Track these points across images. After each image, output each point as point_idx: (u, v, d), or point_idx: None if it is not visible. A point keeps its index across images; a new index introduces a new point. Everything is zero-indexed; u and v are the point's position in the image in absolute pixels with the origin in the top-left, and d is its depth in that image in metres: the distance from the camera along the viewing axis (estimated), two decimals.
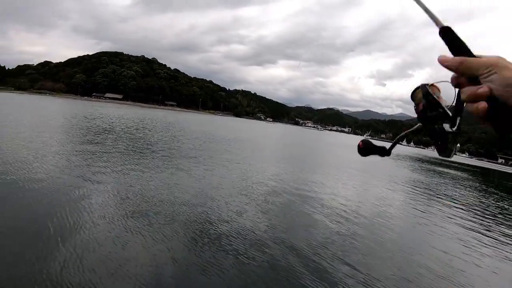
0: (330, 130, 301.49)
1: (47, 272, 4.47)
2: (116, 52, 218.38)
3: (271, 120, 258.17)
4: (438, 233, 9.55)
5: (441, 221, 11.10)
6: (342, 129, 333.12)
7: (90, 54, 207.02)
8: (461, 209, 13.89)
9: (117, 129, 26.23)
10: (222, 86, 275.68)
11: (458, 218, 11.98)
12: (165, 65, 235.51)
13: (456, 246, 8.62)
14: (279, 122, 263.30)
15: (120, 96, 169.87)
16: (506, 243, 9.59)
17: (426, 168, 36.46)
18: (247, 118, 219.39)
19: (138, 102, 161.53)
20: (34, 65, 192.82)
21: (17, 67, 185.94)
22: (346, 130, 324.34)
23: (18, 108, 37.78)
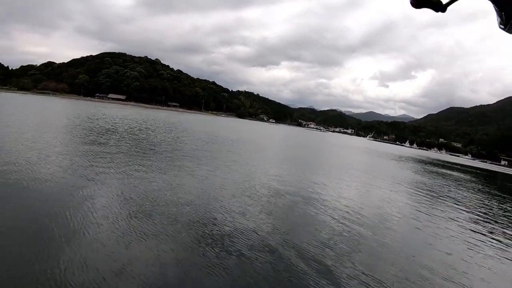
0: (333, 131, 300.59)
1: (51, 271, 4.48)
2: (119, 52, 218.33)
3: (274, 121, 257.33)
4: (441, 234, 9.52)
5: (444, 222, 11.07)
6: (345, 130, 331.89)
7: (94, 54, 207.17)
8: (464, 211, 13.84)
9: (120, 129, 26.29)
10: (225, 87, 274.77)
11: (461, 220, 11.94)
12: (168, 66, 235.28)
13: (459, 247, 8.60)
14: (282, 123, 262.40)
15: (123, 96, 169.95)
16: (510, 245, 9.54)
17: (429, 169, 36.34)
18: (250, 119, 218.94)
19: (141, 103, 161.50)
20: (37, 65, 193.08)
21: (20, 68, 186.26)
22: (349, 131, 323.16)
23: (22, 108, 37.87)
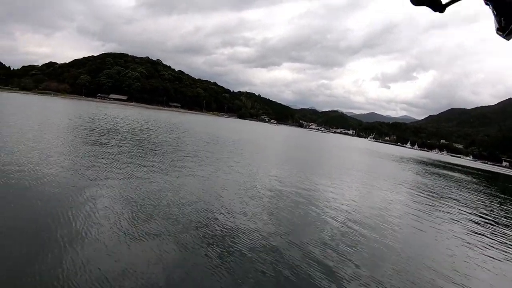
0: (334, 132, 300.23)
1: (53, 271, 4.50)
2: (120, 53, 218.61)
3: (275, 122, 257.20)
4: (443, 235, 9.51)
5: (445, 223, 11.05)
6: (346, 131, 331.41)
7: (95, 55, 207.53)
8: (465, 212, 13.80)
9: (121, 130, 26.35)
10: (226, 88, 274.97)
11: (462, 221, 11.92)
12: (169, 66, 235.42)
13: (460, 248, 8.57)
14: (283, 124, 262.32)
15: (124, 97, 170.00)
16: (511, 246, 9.53)
17: (430, 171, 36.28)
18: (251, 120, 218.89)
19: (142, 103, 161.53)
20: (39, 65, 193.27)
21: (22, 68, 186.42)
22: (350, 132, 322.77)
23: (23, 108, 37.89)
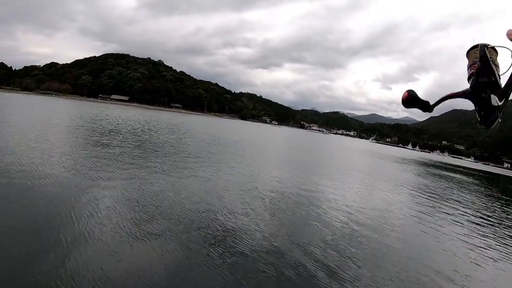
0: (336, 133, 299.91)
1: (55, 271, 4.51)
2: (122, 54, 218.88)
3: (277, 123, 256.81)
4: (444, 236, 9.48)
5: (447, 225, 11.00)
6: (348, 132, 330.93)
7: (97, 55, 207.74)
8: (467, 213, 13.77)
9: (123, 130, 26.35)
10: (227, 88, 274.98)
11: (464, 222, 11.88)
12: (171, 67, 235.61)
13: (462, 249, 8.55)
14: (285, 125, 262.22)
15: (126, 97, 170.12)
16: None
17: (431, 172, 36.17)
18: (253, 121, 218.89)
19: (144, 104, 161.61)
20: (41, 66, 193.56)
21: (23, 68, 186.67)
22: (352, 133, 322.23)
23: (25, 108, 37.94)
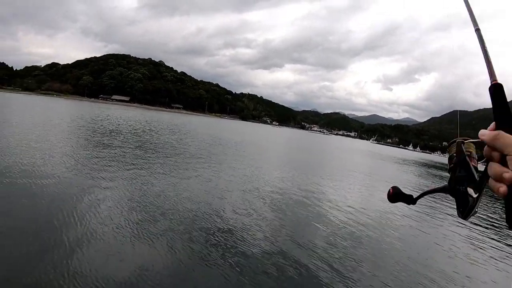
0: (336, 134, 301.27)
1: (56, 271, 4.43)
2: (123, 54, 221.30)
3: (277, 124, 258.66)
4: (445, 237, 9.38)
5: (447, 225, 10.82)
6: (348, 133, 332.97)
7: (98, 56, 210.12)
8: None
9: (124, 131, 26.37)
10: (228, 89, 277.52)
11: (464, 222, 11.55)
12: (172, 68, 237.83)
13: (462, 250, 8.47)
14: (285, 126, 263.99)
15: (127, 98, 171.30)
16: None
17: (432, 173, 36.35)
18: (253, 122, 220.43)
19: (144, 104, 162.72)
20: (42, 66, 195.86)
21: (24, 68, 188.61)
22: (352, 134, 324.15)
23: (26, 108, 38.38)
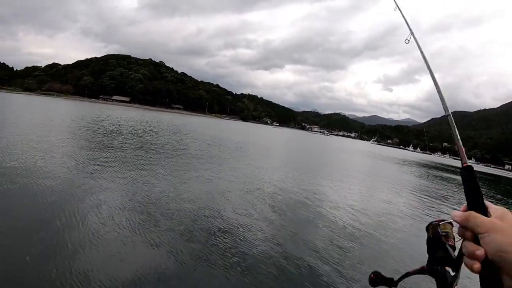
0: (337, 135, 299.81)
1: (57, 271, 4.51)
2: (123, 55, 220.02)
3: (278, 124, 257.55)
4: None
5: None
6: (349, 134, 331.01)
7: (98, 56, 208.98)
8: None
9: (124, 131, 26.41)
10: (228, 90, 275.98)
11: None
12: (172, 68, 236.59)
13: None
14: (286, 126, 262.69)
15: (127, 98, 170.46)
16: None
17: (432, 174, 36.15)
18: (254, 122, 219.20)
19: (145, 105, 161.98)
20: (42, 66, 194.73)
21: (25, 69, 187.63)
22: (353, 135, 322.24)
23: (27, 109, 37.96)
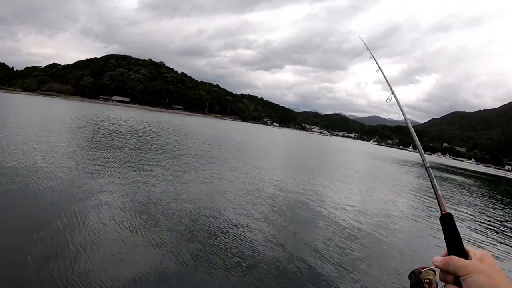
0: (337, 135, 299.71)
1: (58, 271, 4.51)
2: (123, 55, 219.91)
3: (278, 125, 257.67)
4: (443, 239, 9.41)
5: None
6: (349, 134, 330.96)
7: (98, 57, 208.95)
8: (467, 214, 13.71)
9: (124, 131, 26.41)
10: (229, 90, 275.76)
11: (464, 224, 11.83)
12: (172, 69, 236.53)
13: None
14: (286, 127, 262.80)
15: (127, 99, 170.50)
16: None
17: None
18: (254, 123, 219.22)
19: (145, 105, 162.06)
20: (42, 67, 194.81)
21: (25, 69, 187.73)
22: (353, 135, 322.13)
23: (27, 109, 37.95)
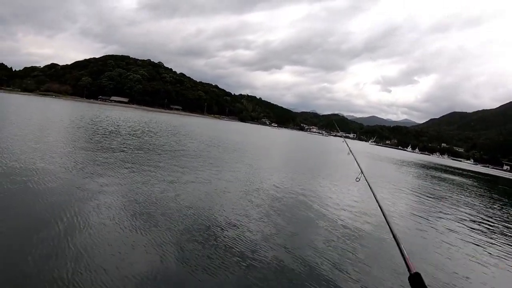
0: (335, 135, 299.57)
1: (58, 271, 4.51)
2: (122, 55, 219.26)
3: (276, 125, 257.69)
4: (443, 239, 9.43)
5: (446, 225, 10.95)
6: (347, 135, 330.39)
7: (97, 57, 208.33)
8: (466, 215, 13.71)
9: (123, 132, 26.37)
10: (227, 90, 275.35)
11: (463, 224, 11.84)
12: (171, 69, 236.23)
13: (460, 251, 8.51)
14: (285, 127, 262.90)
15: (126, 99, 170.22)
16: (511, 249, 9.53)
17: (431, 174, 36.17)
18: (252, 123, 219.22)
19: (143, 106, 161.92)
20: (41, 67, 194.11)
21: (23, 69, 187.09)
22: (351, 136, 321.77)
23: (25, 109, 37.87)
